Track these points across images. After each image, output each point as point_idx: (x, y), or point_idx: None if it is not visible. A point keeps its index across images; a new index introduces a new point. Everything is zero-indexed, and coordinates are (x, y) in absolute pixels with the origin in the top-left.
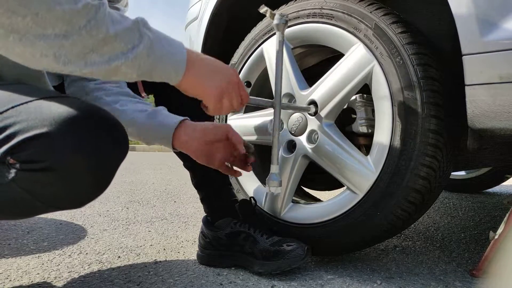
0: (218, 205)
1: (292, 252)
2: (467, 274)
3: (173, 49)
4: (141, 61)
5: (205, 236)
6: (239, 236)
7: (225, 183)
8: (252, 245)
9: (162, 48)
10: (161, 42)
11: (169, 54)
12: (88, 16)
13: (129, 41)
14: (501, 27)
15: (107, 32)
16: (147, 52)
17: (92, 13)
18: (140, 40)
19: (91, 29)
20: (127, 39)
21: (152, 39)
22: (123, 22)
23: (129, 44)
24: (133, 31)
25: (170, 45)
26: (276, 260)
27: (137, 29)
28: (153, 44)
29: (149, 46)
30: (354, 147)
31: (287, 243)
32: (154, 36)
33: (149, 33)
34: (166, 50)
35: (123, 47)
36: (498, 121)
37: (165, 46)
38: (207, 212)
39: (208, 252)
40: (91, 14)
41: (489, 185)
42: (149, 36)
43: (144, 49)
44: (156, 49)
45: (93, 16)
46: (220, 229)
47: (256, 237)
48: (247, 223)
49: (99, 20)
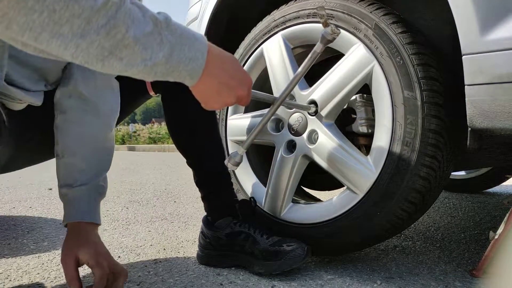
0: (219, 204)
1: (292, 252)
2: (467, 274)
3: (193, 53)
4: (158, 68)
5: (205, 236)
6: (239, 236)
7: (227, 183)
8: (252, 245)
9: (180, 55)
10: (182, 47)
11: (187, 60)
12: (108, 15)
13: (149, 47)
14: (501, 27)
15: (126, 33)
16: (165, 59)
17: (112, 12)
18: (160, 47)
19: (110, 28)
20: (147, 45)
21: (173, 44)
22: (144, 25)
23: (149, 50)
24: (153, 36)
25: (191, 48)
26: (276, 260)
27: (158, 33)
28: (172, 50)
29: (168, 54)
30: (354, 147)
31: (287, 243)
32: (176, 40)
33: (171, 37)
34: (184, 55)
35: (142, 54)
36: (498, 121)
37: (185, 51)
38: (208, 211)
39: (208, 252)
40: (111, 13)
41: (489, 185)
42: (170, 42)
43: (163, 57)
44: (175, 55)
45: (113, 15)
46: (220, 229)
47: (256, 237)
48: (247, 223)
49: (119, 19)
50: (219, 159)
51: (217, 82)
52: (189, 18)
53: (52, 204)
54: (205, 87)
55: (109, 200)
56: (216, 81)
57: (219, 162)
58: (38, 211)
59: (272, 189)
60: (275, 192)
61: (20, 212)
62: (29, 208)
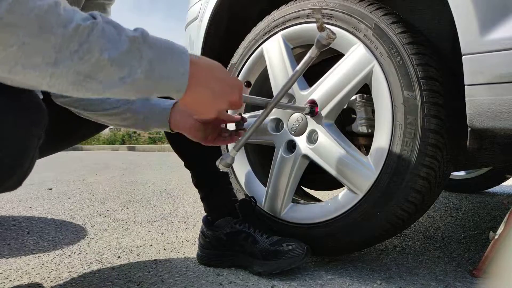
0: (218, 204)
1: (292, 252)
2: (467, 274)
3: (176, 65)
4: (140, 84)
5: (205, 235)
6: (239, 235)
7: (225, 182)
8: (252, 244)
9: (162, 69)
10: (163, 60)
11: (170, 74)
12: (80, 40)
13: (126, 65)
14: (501, 27)
15: (101, 55)
16: (146, 76)
17: (84, 36)
18: (139, 62)
19: (83, 53)
20: (123, 64)
21: (151, 59)
22: (120, 44)
23: (126, 69)
24: (130, 53)
25: (173, 61)
26: (275, 260)
27: (137, 49)
28: (153, 65)
29: (148, 70)
30: (354, 147)
31: (287, 243)
32: (155, 54)
33: (149, 52)
34: (167, 69)
35: (119, 73)
36: (498, 121)
37: (167, 64)
38: (207, 211)
39: (208, 252)
40: (84, 37)
41: (489, 185)
42: (149, 57)
43: (141, 74)
44: (156, 70)
45: (85, 39)
46: (220, 229)
47: (256, 237)
48: (247, 222)
49: (92, 42)
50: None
51: (207, 90)
52: (189, 18)
53: (52, 204)
54: (195, 98)
55: (109, 200)
56: (205, 90)
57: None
58: (38, 211)
59: (272, 189)
60: (275, 192)
61: (20, 212)
62: (29, 208)
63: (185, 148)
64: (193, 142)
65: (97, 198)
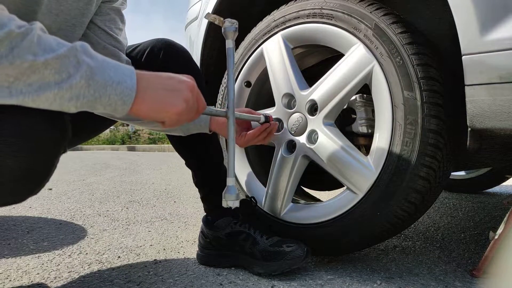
0: (219, 204)
1: (292, 253)
2: (467, 274)
3: (120, 76)
4: (80, 91)
5: (205, 235)
6: (239, 236)
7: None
8: (252, 245)
9: (105, 77)
10: (105, 70)
11: (115, 83)
12: (11, 45)
13: (63, 69)
14: (501, 27)
15: (34, 61)
16: (86, 82)
17: (16, 41)
18: (76, 68)
19: (13, 58)
20: (59, 67)
21: (93, 67)
22: (57, 50)
23: (63, 73)
24: (68, 58)
25: (117, 72)
26: (276, 261)
27: (74, 55)
28: (93, 72)
29: (88, 75)
30: (354, 147)
31: (287, 244)
32: (97, 63)
33: (90, 60)
34: (110, 78)
35: (55, 76)
36: (498, 121)
37: (110, 74)
38: (207, 211)
39: (208, 252)
40: (15, 42)
41: (489, 185)
42: (89, 64)
43: (81, 78)
44: (98, 78)
45: (17, 44)
46: (220, 229)
47: (256, 238)
48: (247, 223)
49: (24, 48)
50: (218, 159)
51: (158, 92)
52: (189, 18)
53: (52, 204)
54: (148, 103)
55: (109, 200)
56: (156, 92)
57: (218, 162)
58: (38, 211)
59: (272, 189)
60: (275, 192)
61: (20, 212)
62: (29, 208)
63: (186, 148)
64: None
65: (97, 198)
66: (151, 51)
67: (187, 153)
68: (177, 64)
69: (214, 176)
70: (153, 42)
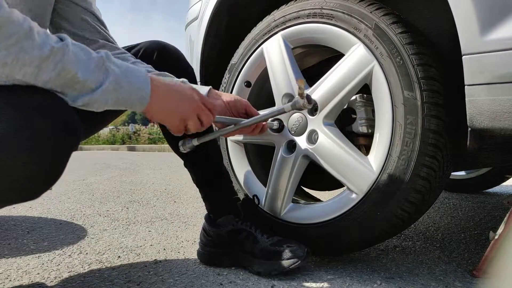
0: (220, 203)
1: (292, 253)
2: (467, 274)
3: (139, 82)
4: (109, 96)
5: (207, 233)
6: (240, 234)
7: (227, 181)
8: (252, 244)
9: (128, 82)
10: (127, 76)
11: (135, 88)
12: (55, 60)
13: (96, 80)
14: (501, 27)
15: (76, 74)
16: (113, 87)
17: (59, 56)
18: (106, 76)
19: (59, 71)
20: (93, 79)
21: (117, 74)
22: (88, 62)
23: (97, 83)
24: (99, 69)
25: (137, 78)
26: (275, 261)
27: (103, 65)
28: (118, 79)
29: (115, 81)
30: (354, 147)
31: (288, 244)
32: (120, 70)
33: (115, 68)
34: (132, 84)
35: (91, 86)
36: (498, 121)
37: (131, 80)
38: (209, 209)
39: (209, 249)
40: (58, 57)
41: (489, 185)
42: (115, 72)
43: (110, 84)
44: (123, 83)
45: (60, 59)
46: (222, 226)
47: (257, 236)
48: (249, 221)
49: (66, 62)
50: (217, 158)
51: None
52: (189, 18)
53: (52, 204)
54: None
55: (109, 200)
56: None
57: (218, 161)
58: (38, 211)
59: (272, 189)
60: (275, 192)
61: (20, 212)
62: (29, 208)
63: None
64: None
65: (97, 198)
66: (144, 52)
67: (185, 154)
68: (169, 64)
69: (214, 175)
70: (148, 43)
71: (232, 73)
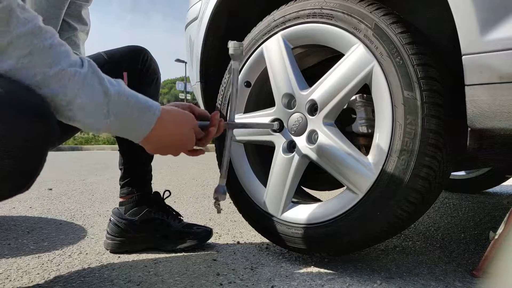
0: (139, 198)
1: (201, 234)
2: (467, 274)
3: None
4: (104, 130)
5: (117, 225)
6: (153, 221)
7: (149, 181)
8: (166, 228)
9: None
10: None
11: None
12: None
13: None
14: (501, 27)
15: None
16: (108, 128)
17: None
18: (105, 116)
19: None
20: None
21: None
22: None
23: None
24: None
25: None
26: (188, 239)
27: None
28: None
29: (112, 122)
30: (354, 147)
31: (197, 227)
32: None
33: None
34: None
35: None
36: (498, 121)
37: (131, 122)
38: (123, 199)
39: (121, 239)
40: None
41: (489, 185)
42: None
43: (105, 124)
44: (121, 124)
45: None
46: (135, 215)
47: (169, 222)
48: (161, 211)
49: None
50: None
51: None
52: (189, 18)
53: (52, 204)
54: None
55: (109, 200)
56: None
57: (146, 167)
58: (38, 211)
59: (272, 189)
60: (275, 192)
61: (20, 212)
62: (29, 208)
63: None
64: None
65: (97, 198)
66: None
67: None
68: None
69: (142, 179)
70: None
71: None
